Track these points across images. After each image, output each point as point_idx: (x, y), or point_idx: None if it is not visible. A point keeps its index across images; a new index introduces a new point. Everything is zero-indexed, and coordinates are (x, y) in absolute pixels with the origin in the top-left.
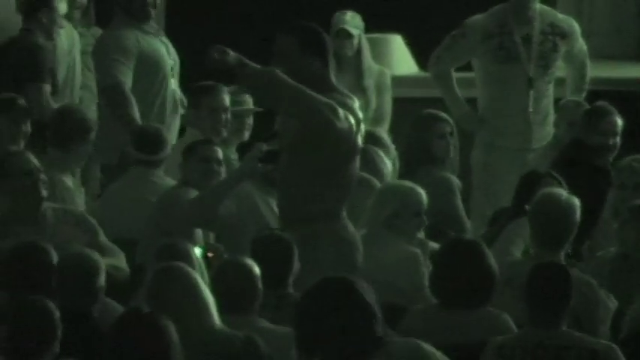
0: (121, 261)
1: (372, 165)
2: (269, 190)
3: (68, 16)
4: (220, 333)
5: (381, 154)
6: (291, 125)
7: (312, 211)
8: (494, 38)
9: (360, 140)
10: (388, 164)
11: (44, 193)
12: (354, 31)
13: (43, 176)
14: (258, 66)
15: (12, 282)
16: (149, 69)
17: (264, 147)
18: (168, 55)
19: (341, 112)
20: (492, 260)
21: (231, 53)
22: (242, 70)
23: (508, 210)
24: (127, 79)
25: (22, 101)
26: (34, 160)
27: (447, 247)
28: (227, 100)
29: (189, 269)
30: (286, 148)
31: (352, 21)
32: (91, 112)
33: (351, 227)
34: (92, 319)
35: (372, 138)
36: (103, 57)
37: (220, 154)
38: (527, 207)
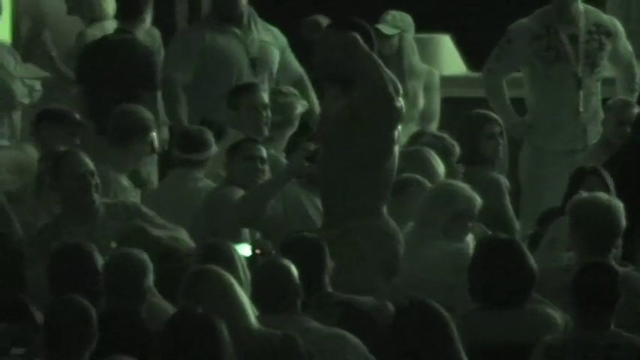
0: (182, 233)
1: (426, 165)
2: (315, 189)
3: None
4: (258, 332)
5: (434, 154)
6: (334, 111)
7: (352, 207)
8: (541, 39)
9: (397, 134)
10: (442, 165)
11: (95, 197)
12: (389, 31)
13: (95, 180)
14: None
15: (55, 284)
16: (216, 66)
17: (311, 146)
18: (246, 55)
19: (401, 93)
20: (530, 258)
21: (321, 19)
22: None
23: (557, 210)
24: (183, 76)
25: (77, 116)
26: (88, 162)
27: (483, 246)
28: (266, 97)
29: (223, 271)
30: (327, 140)
31: (392, 21)
32: None
33: (392, 222)
34: (140, 319)
35: (434, 138)
36: (165, 54)
37: (264, 152)
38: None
